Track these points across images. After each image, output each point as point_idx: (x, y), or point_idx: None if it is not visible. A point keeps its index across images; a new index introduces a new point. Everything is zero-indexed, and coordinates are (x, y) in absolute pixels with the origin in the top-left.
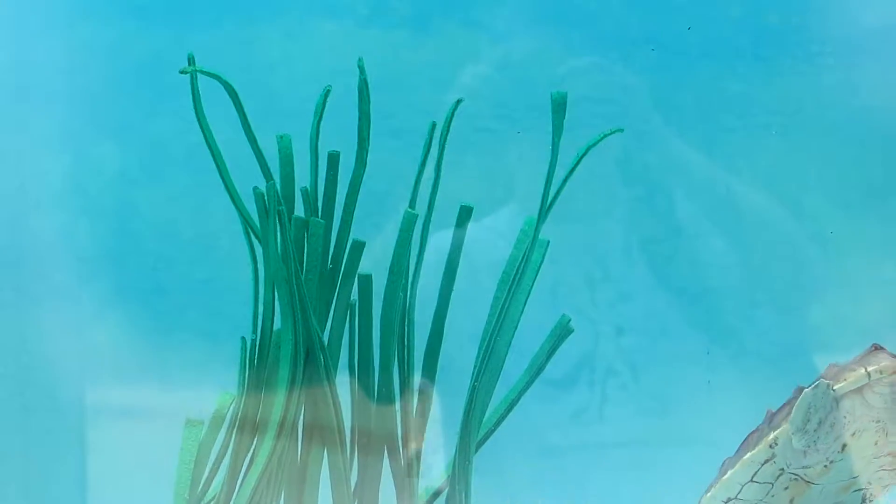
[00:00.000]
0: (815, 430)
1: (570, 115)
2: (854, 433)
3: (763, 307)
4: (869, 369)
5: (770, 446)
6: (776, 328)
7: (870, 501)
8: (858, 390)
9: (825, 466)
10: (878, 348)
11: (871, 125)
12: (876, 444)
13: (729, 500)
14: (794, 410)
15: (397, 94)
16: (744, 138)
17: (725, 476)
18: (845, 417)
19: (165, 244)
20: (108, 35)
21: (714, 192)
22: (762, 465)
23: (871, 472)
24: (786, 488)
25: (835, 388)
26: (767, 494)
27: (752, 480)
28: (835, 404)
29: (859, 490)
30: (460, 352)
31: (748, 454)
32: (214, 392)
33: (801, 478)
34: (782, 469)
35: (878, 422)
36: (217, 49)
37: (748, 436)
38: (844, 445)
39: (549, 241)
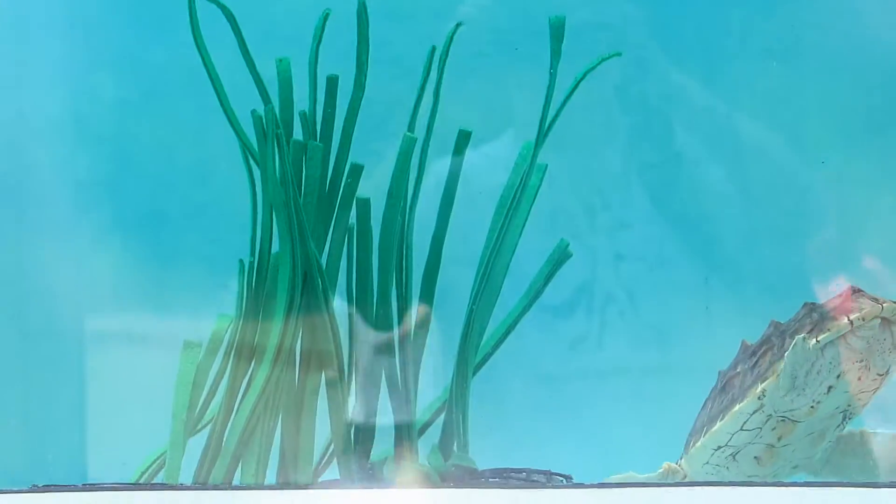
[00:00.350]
0: (802, 384)
1: (569, 42)
2: (839, 375)
3: (761, 235)
4: (851, 317)
5: (759, 398)
6: (774, 256)
7: (849, 419)
8: (842, 336)
9: (811, 407)
10: (856, 291)
11: (872, 54)
12: (859, 379)
13: (719, 447)
14: (780, 375)
15: (396, 22)
16: (743, 66)
17: (715, 427)
18: (830, 363)
19: (164, 170)
20: None
21: (713, 119)
22: (751, 415)
23: (852, 400)
24: (773, 429)
25: (819, 338)
26: (756, 437)
27: (741, 429)
28: (819, 353)
29: (842, 413)
30: (458, 277)
31: (737, 406)
32: (213, 316)
33: (789, 418)
34: (770, 415)
35: (861, 361)
36: None
37: (727, 375)
38: (830, 388)
39: (546, 165)
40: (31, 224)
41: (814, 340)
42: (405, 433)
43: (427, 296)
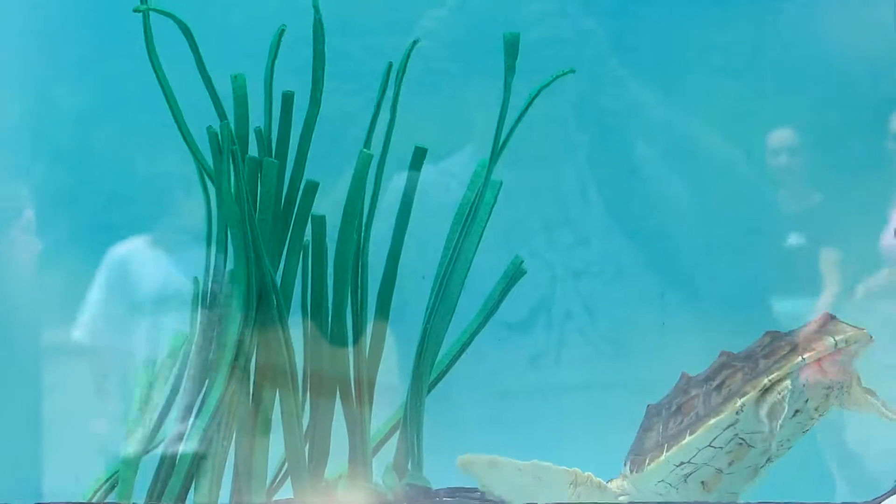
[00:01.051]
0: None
1: (526, 59)
2: (807, 400)
3: (718, 250)
4: (836, 338)
5: (736, 412)
6: (730, 271)
7: (775, 458)
8: (818, 360)
9: (771, 431)
10: (832, 317)
11: (828, 68)
12: (817, 409)
13: (682, 463)
14: (766, 414)
15: (353, 37)
16: (701, 81)
17: (684, 441)
18: (803, 386)
19: (120, 184)
20: None
21: (670, 135)
22: (724, 430)
23: (796, 434)
24: (729, 452)
25: (805, 356)
26: (714, 458)
27: (709, 445)
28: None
29: (781, 445)
30: (415, 294)
31: (712, 419)
32: (168, 333)
33: (747, 442)
34: (736, 434)
35: (828, 388)
36: None
37: (675, 402)
38: (796, 412)
39: (501, 182)
40: None
41: (799, 358)
42: (359, 452)
43: (382, 312)
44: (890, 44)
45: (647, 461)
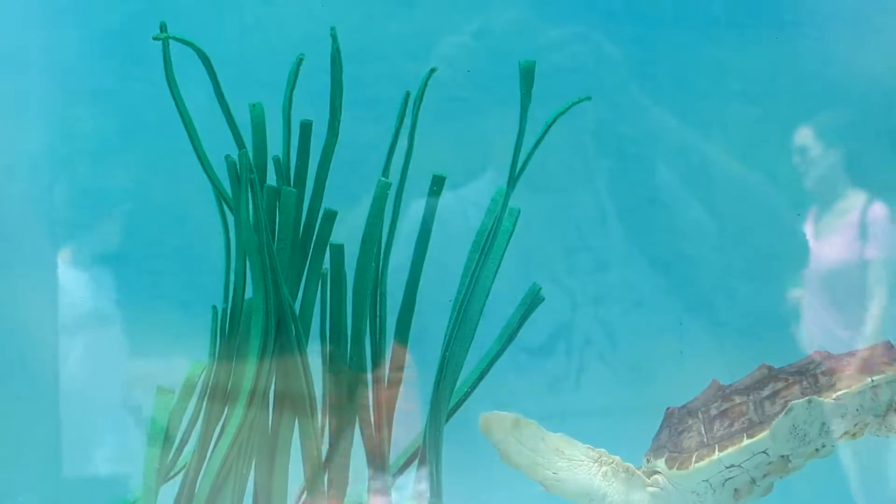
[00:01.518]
0: (803, 436)
1: (545, 86)
2: (857, 423)
3: (737, 276)
4: (873, 378)
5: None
6: (749, 298)
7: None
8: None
9: (816, 450)
10: (892, 345)
11: (845, 94)
12: (854, 436)
13: (732, 466)
14: (777, 427)
15: (372, 64)
16: (719, 108)
17: (742, 443)
18: (858, 408)
19: (138, 211)
20: (83, 2)
21: (689, 161)
22: (754, 455)
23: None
24: (770, 463)
25: (838, 395)
26: (757, 467)
27: (763, 451)
28: (822, 410)
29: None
30: (434, 321)
31: (746, 441)
32: (186, 361)
33: (788, 456)
34: (767, 454)
35: (875, 416)
36: (191, 16)
37: (717, 407)
38: (845, 433)
39: (520, 210)
40: (4, 262)
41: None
42: (379, 479)
43: (401, 340)
44: None
45: (695, 459)
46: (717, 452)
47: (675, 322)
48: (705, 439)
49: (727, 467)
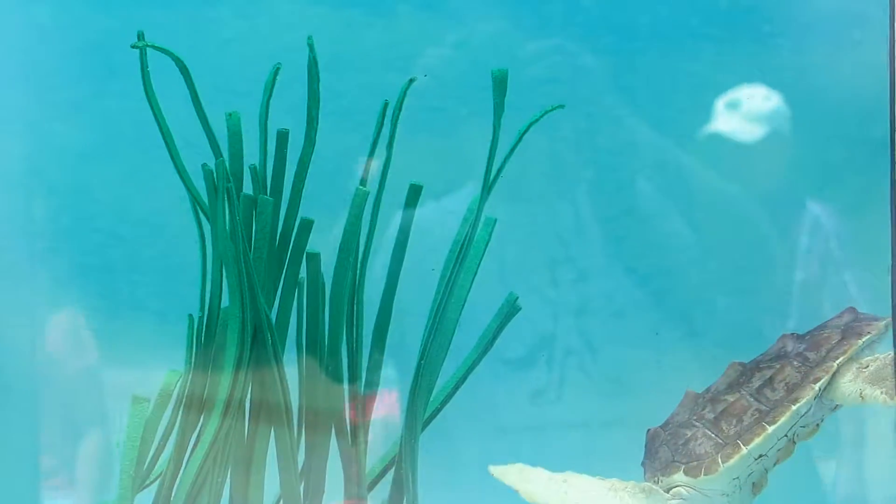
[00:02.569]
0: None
1: (523, 97)
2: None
3: (714, 288)
4: (862, 339)
5: (815, 397)
6: (726, 309)
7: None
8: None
9: (818, 425)
10: (855, 310)
11: (822, 106)
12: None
13: (760, 456)
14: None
15: (349, 74)
16: (697, 119)
17: (768, 430)
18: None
19: (116, 222)
20: (61, 14)
21: (667, 173)
22: (778, 440)
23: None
24: (779, 449)
25: (863, 339)
26: (775, 451)
27: (785, 435)
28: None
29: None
30: (412, 331)
31: (770, 429)
32: (162, 370)
33: (795, 438)
34: (795, 424)
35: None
36: (168, 27)
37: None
38: (862, 395)
39: (496, 219)
40: None
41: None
42: (354, 488)
43: (378, 349)
44: (882, 85)
45: (721, 459)
46: (743, 447)
47: (652, 333)
48: (720, 440)
49: (756, 459)
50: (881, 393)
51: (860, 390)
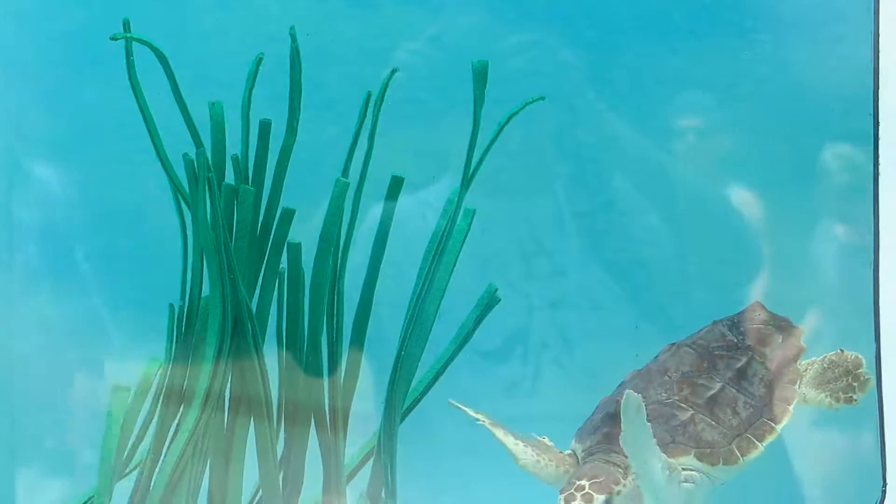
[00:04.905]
0: None
1: (504, 90)
2: None
3: (693, 283)
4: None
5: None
6: (704, 303)
7: None
8: None
9: None
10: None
11: (804, 101)
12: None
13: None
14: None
15: (330, 65)
16: (677, 113)
17: (759, 448)
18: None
19: (96, 212)
20: (40, 2)
21: (646, 167)
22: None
23: None
24: None
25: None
26: None
27: None
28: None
29: None
30: (391, 322)
31: (778, 427)
32: (143, 359)
33: None
34: None
35: None
36: (150, 17)
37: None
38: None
39: (475, 210)
40: None
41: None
42: (333, 480)
43: (358, 340)
44: (864, 80)
45: (740, 452)
46: (759, 444)
47: (631, 327)
48: (725, 430)
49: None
50: (826, 397)
51: (803, 395)
